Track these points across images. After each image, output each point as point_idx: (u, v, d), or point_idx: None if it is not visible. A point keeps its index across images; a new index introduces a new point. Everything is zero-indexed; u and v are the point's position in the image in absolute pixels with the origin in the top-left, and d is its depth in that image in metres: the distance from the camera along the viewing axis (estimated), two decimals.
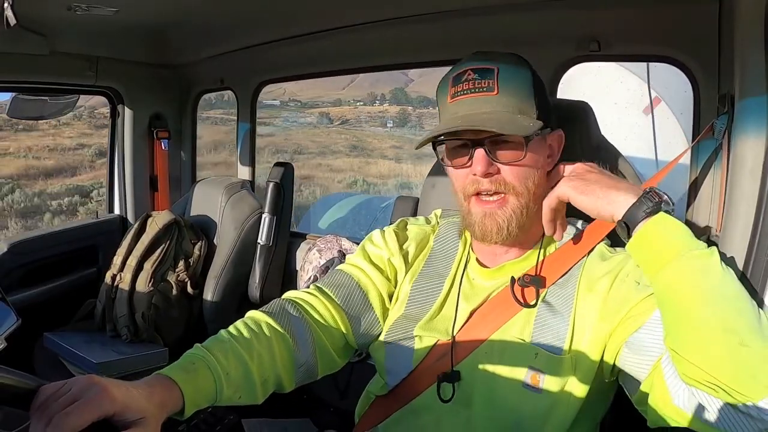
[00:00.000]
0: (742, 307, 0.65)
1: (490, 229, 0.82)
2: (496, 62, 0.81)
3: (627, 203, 0.73)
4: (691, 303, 0.66)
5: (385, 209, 3.56)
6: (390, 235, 0.98)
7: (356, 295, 0.94)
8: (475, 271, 0.91)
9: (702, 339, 0.64)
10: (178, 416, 0.70)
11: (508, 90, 0.80)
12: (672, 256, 0.68)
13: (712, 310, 0.65)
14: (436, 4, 1.45)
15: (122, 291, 1.90)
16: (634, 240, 0.72)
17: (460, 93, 0.81)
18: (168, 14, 1.74)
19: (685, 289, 0.67)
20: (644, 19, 1.25)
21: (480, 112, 0.80)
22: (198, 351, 0.76)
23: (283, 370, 0.84)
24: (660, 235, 0.70)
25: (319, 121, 26.58)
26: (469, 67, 0.81)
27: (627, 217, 0.72)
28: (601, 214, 0.76)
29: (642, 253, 0.72)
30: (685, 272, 0.67)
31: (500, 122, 0.77)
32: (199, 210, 2.18)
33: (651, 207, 0.71)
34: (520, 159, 0.79)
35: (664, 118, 3.40)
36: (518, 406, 0.79)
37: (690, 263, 0.67)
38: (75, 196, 14.41)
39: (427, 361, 0.86)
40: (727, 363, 0.62)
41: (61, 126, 19.64)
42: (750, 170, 0.80)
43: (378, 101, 28.96)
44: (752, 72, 0.82)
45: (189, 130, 2.49)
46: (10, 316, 1.34)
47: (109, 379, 0.62)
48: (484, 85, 0.80)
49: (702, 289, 0.66)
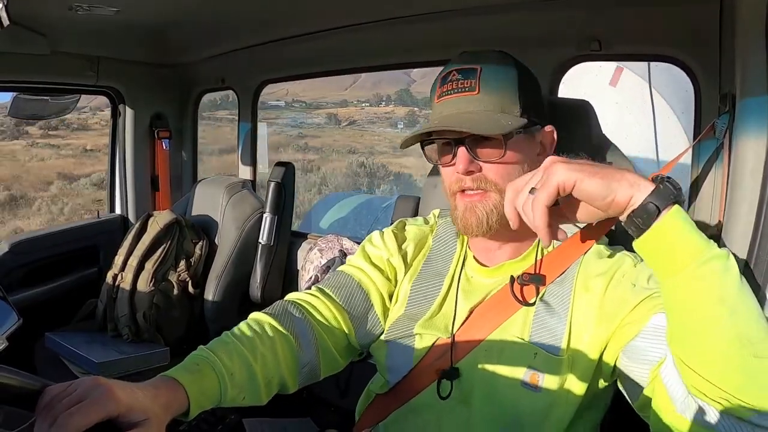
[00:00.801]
0: (758, 315, 0.59)
1: (470, 222, 0.84)
2: (480, 62, 0.84)
3: (648, 187, 0.61)
4: (708, 312, 0.60)
5: (386, 209, 3.56)
6: (389, 235, 0.99)
7: (358, 295, 0.94)
8: (474, 270, 0.91)
9: (714, 350, 0.60)
10: (182, 417, 0.70)
11: (489, 89, 0.82)
12: (690, 259, 0.60)
13: (731, 321, 0.59)
14: (437, 4, 1.45)
15: (123, 291, 1.91)
16: (650, 236, 0.62)
17: (445, 93, 0.84)
18: (169, 14, 1.74)
19: (701, 297, 0.60)
20: (645, 18, 1.25)
21: (461, 112, 0.82)
22: (202, 352, 0.77)
23: (287, 371, 0.85)
24: (679, 232, 0.61)
25: (327, 122, 26.64)
26: (454, 68, 0.85)
27: (647, 204, 0.61)
28: (617, 201, 0.62)
29: (656, 252, 0.63)
30: (704, 277, 0.60)
31: (477, 122, 0.79)
32: (201, 210, 2.18)
33: (673, 194, 0.61)
34: (501, 157, 0.81)
35: (665, 117, 3.40)
36: (516, 405, 0.80)
37: (710, 267, 0.60)
38: None
39: (427, 359, 0.87)
40: (738, 375, 0.59)
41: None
42: (751, 170, 0.80)
43: (384, 102, 29.01)
44: (753, 71, 0.82)
45: (190, 130, 2.49)
46: (12, 316, 1.34)
47: (114, 380, 0.62)
48: (466, 85, 0.82)
49: (721, 297, 0.59)
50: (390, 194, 10.64)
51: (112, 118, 2.38)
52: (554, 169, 0.64)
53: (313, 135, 23.54)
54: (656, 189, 0.61)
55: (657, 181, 0.63)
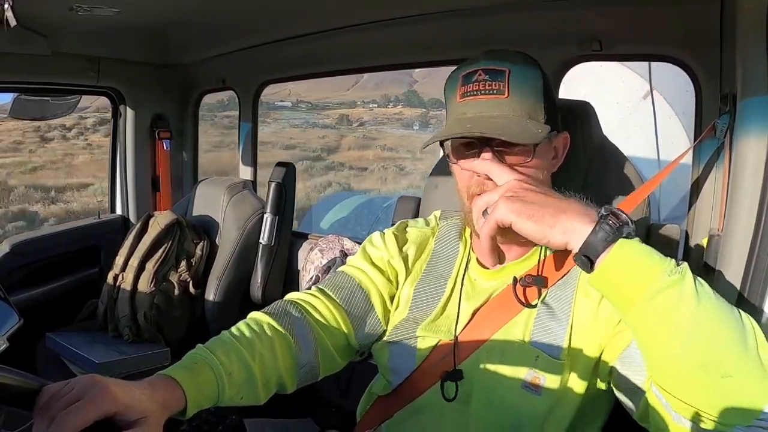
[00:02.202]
0: (723, 334, 0.59)
1: None
2: (508, 63, 0.80)
3: (583, 232, 0.64)
4: (667, 341, 0.61)
5: (387, 209, 3.57)
6: (390, 237, 0.99)
7: (358, 296, 0.94)
8: (477, 272, 0.91)
9: (682, 376, 0.61)
10: (180, 416, 0.70)
11: (519, 93, 0.79)
12: (639, 293, 0.61)
13: (689, 347, 0.59)
14: (437, 4, 1.45)
15: (124, 291, 1.91)
16: (596, 276, 0.64)
17: (470, 93, 0.80)
18: (169, 14, 1.74)
19: (657, 329, 0.61)
20: (646, 18, 1.25)
21: (489, 115, 0.79)
22: (200, 351, 0.76)
23: (285, 371, 0.84)
24: (624, 268, 0.62)
25: (339, 123, 26.66)
26: (480, 67, 0.80)
27: (585, 249, 0.64)
28: (552, 244, 0.67)
29: (606, 290, 0.65)
30: (655, 310, 0.61)
31: (509, 129, 0.76)
32: (201, 210, 2.19)
33: (611, 234, 0.63)
34: (526, 163, 0.79)
35: (666, 117, 3.39)
36: (517, 407, 0.79)
37: (661, 298, 0.60)
38: None
39: (430, 360, 0.86)
40: (712, 397, 0.59)
41: None
42: (752, 170, 0.80)
43: (392, 103, 29.05)
44: (754, 71, 0.82)
45: (191, 130, 2.49)
46: (12, 316, 1.34)
47: (112, 378, 0.62)
48: (494, 87, 0.78)
49: (676, 325, 0.60)
50: None
51: (112, 119, 2.38)
52: (498, 204, 0.70)
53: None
54: (592, 234, 0.63)
55: (598, 218, 0.64)
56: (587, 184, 1.03)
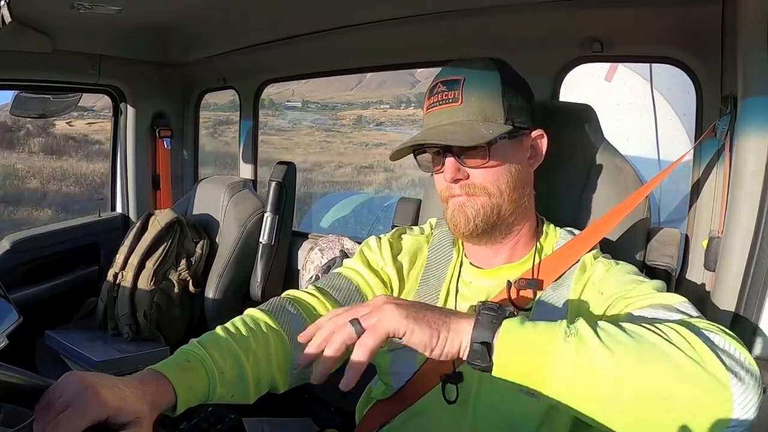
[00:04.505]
0: (650, 367, 0.57)
1: (459, 221, 0.86)
2: (464, 71, 0.85)
3: (470, 326, 0.62)
4: (591, 410, 0.59)
5: (387, 209, 3.57)
6: (385, 244, 0.99)
7: (356, 298, 0.94)
8: (471, 274, 0.92)
9: (639, 426, 0.58)
10: (169, 413, 0.70)
11: (473, 98, 0.83)
12: (538, 383, 0.60)
13: (626, 396, 0.57)
14: (439, 4, 1.45)
15: (124, 289, 1.91)
16: (498, 369, 0.61)
17: (432, 105, 0.86)
18: (170, 13, 1.74)
19: (584, 394, 0.59)
20: (647, 19, 1.25)
21: (444, 123, 0.84)
22: (194, 348, 0.75)
23: (278, 371, 0.84)
24: (511, 370, 0.61)
25: (357, 123, 26.60)
26: (440, 80, 0.86)
27: (479, 340, 0.61)
28: (447, 352, 0.63)
29: (513, 377, 0.61)
30: (571, 379, 0.58)
31: (456, 133, 0.81)
32: (201, 209, 2.19)
33: (497, 317, 0.62)
34: (485, 163, 0.83)
35: (667, 118, 3.39)
36: (515, 409, 0.80)
37: (558, 376, 0.58)
38: None
39: (430, 363, 0.86)
40: (672, 430, 0.56)
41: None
42: (752, 171, 0.80)
43: (404, 104, 29.06)
44: (755, 73, 0.82)
45: (191, 129, 2.49)
46: (12, 314, 1.34)
47: (102, 378, 0.61)
48: (450, 96, 0.84)
49: (592, 393, 0.58)
50: None
51: (113, 117, 2.38)
52: (386, 314, 0.64)
53: None
54: (477, 326, 0.61)
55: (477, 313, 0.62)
56: (588, 185, 1.03)
